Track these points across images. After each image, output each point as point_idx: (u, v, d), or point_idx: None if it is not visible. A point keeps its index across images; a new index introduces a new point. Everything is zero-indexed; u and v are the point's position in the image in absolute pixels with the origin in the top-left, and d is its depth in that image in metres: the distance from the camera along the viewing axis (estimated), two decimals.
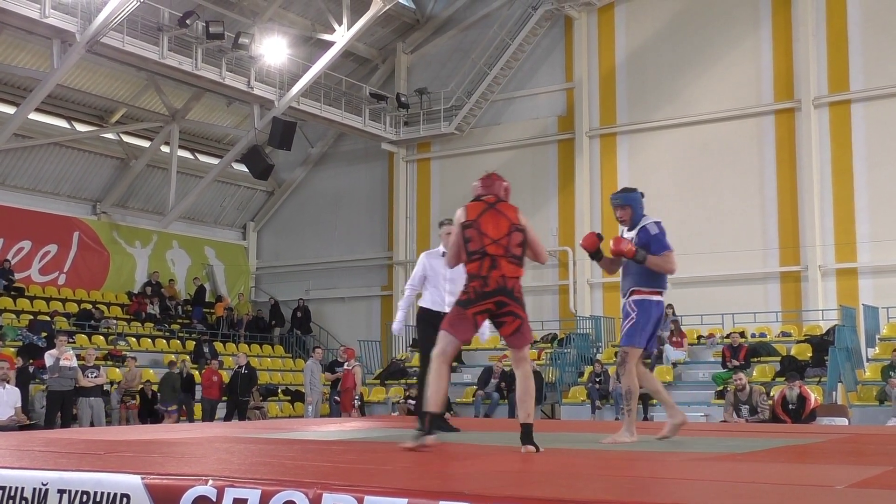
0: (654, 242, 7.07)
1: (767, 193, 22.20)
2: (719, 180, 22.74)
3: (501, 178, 6.54)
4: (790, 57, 22.17)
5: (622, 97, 24.39)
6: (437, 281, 8.66)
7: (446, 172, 27.08)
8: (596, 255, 7.28)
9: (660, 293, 7.22)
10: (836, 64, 21.71)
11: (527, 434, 6.08)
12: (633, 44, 24.39)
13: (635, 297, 7.18)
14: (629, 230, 7.25)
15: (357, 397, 18.50)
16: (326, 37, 24.72)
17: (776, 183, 22.11)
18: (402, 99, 26.79)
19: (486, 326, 8.67)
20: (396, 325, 9.12)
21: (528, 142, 25.74)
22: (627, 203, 7.31)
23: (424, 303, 8.74)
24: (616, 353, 7.17)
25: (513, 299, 6.09)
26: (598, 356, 21.38)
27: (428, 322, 8.62)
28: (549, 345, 22.83)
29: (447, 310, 8.21)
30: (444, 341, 6.20)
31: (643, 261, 7.03)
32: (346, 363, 18.96)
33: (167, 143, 26.06)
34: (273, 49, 23.43)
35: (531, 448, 5.99)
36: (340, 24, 24.12)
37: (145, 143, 26.46)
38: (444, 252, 8.49)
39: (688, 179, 23.06)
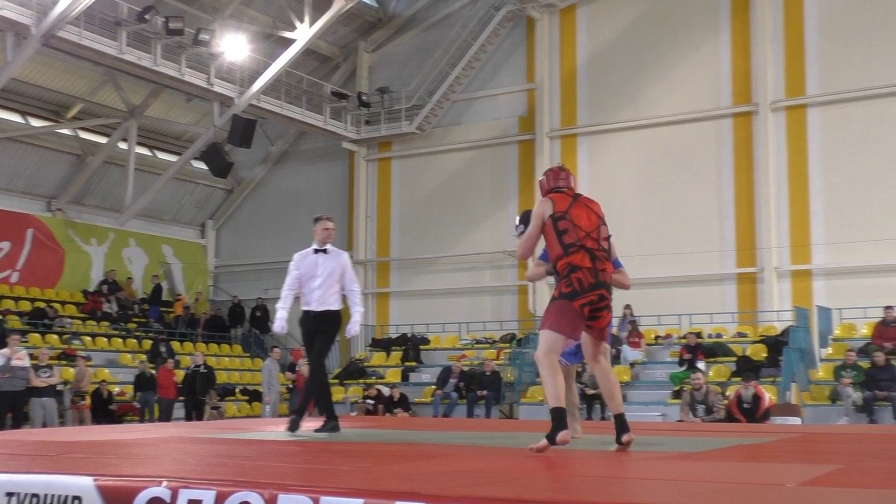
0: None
1: (725, 195, 22.43)
2: (678, 182, 22.93)
3: (563, 168, 6.45)
4: (748, 61, 22.42)
5: (583, 98, 24.53)
6: (308, 281, 8.61)
7: (407, 172, 27.08)
8: None
9: None
10: (792, 69, 21.99)
11: (623, 423, 6.07)
12: (594, 46, 24.53)
13: None
14: None
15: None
16: (288, 34, 24.60)
17: (734, 185, 22.35)
18: (364, 98, 26.73)
19: (357, 323, 8.88)
20: (278, 325, 8.74)
21: (489, 142, 25.80)
22: None
23: (302, 304, 8.69)
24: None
25: (610, 293, 6.03)
26: None
27: (304, 324, 8.66)
28: (509, 345, 22.90)
29: (315, 308, 8.51)
30: (549, 339, 5.87)
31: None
32: (297, 364, 18.91)
33: (125, 140, 25.78)
34: (233, 46, 23.26)
35: (630, 435, 6.05)
36: (302, 21, 24.01)
37: (102, 140, 26.16)
38: (316, 249, 8.64)
39: (647, 181, 23.24)
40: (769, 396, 15.80)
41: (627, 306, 21.05)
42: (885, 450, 6.58)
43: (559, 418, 5.73)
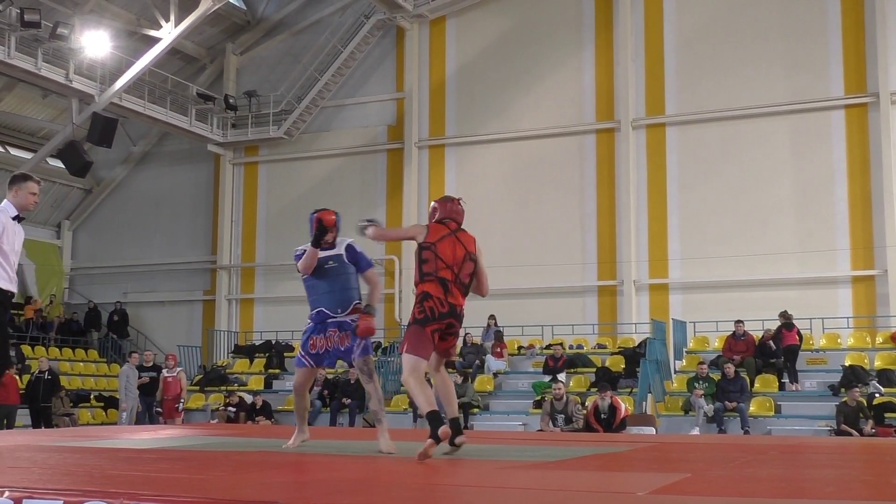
0: (362, 259, 7.58)
1: (587, 209, 22.98)
2: (542, 195, 23.37)
3: (460, 202, 6.89)
4: (611, 79, 23.06)
5: (451, 109, 24.76)
6: (8, 252, 6.73)
7: (274, 177, 26.76)
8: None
9: None
10: (653, 88, 22.73)
11: (458, 426, 6.56)
12: (462, 57, 24.81)
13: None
14: (324, 249, 7.47)
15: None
16: (153, 32, 23.98)
17: (596, 199, 22.92)
18: (231, 101, 26.30)
19: None
20: None
21: (358, 150, 25.75)
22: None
23: None
24: (362, 365, 7.36)
25: (459, 322, 6.63)
26: None
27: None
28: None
29: (11, 288, 6.79)
30: (411, 362, 6.41)
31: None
32: (167, 369, 18.42)
33: None
34: (95, 42, 22.51)
35: (464, 438, 6.59)
36: (167, 20, 23.45)
37: None
38: (17, 216, 6.87)
39: (512, 193, 23.60)
40: (625, 407, 16.24)
41: (491, 316, 21.31)
42: (731, 459, 6.84)
43: (435, 419, 6.20)
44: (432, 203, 6.93)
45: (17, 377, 19.21)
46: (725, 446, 8.72)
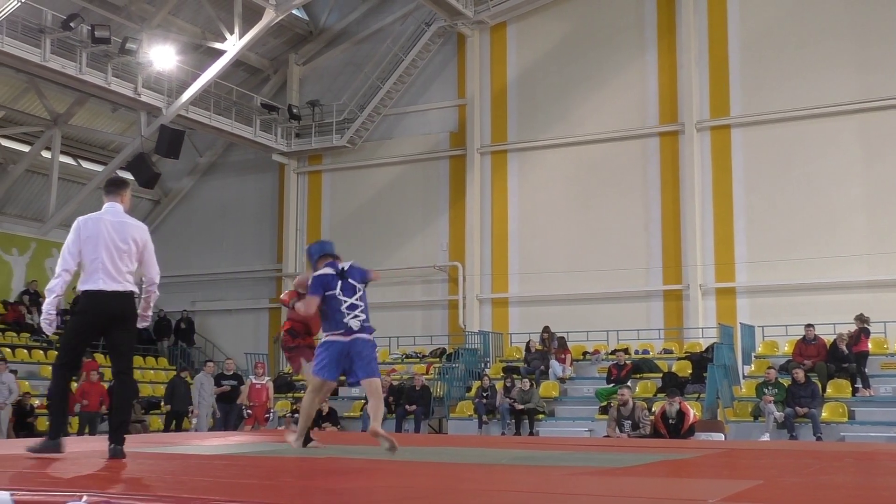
0: None
1: (652, 213, 22.76)
2: (606, 199, 23.21)
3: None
4: (675, 81, 22.83)
5: (513, 115, 24.72)
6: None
7: (338, 185, 26.98)
8: None
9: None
10: (717, 90, 22.45)
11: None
12: (524, 63, 24.76)
13: None
14: None
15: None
16: (217, 45, 24.35)
17: (660, 203, 22.69)
18: (294, 110, 26.58)
19: None
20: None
21: (420, 157, 25.84)
22: None
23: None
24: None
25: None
26: (486, 371, 21.54)
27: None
28: (438, 359, 22.90)
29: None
30: None
31: None
32: (255, 377, 18.70)
33: (48, 149, 25.25)
34: (161, 56, 22.96)
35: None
36: (231, 32, 23.79)
37: (25, 148, 25.58)
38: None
39: (575, 198, 23.48)
40: (693, 412, 16.03)
41: (546, 329, 21.09)
42: (803, 465, 6.72)
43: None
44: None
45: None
46: (797, 453, 8.57)
